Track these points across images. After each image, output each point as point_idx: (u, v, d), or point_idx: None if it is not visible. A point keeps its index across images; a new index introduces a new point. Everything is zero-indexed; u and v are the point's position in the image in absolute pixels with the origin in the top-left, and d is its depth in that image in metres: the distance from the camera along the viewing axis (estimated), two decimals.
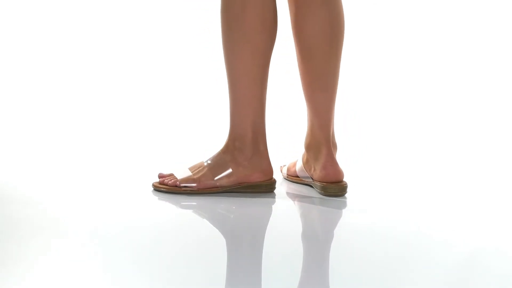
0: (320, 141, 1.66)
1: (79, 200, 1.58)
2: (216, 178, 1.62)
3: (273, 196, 1.65)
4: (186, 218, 1.50)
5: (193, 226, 1.43)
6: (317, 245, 1.31)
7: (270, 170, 1.65)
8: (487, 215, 1.48)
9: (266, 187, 1.64)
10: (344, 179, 1.65)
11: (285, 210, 1.57)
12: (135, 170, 1.92)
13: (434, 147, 2.21)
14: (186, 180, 1.63)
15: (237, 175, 1.62)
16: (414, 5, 2.93)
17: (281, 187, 1.74)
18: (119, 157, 2.10)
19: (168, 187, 1.63)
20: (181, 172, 1.65)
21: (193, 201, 1.58)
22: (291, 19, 1.65)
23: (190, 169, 1.65)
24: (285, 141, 2.15)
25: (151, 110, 2.71)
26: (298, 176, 1.76)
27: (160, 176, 1.66)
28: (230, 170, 1.62)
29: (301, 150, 1.76)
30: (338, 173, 1.63)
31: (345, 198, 1.61)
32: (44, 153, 2.14)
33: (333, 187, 1.63)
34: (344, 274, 1.12)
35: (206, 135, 2.30)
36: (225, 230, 1.41)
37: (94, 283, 1.08)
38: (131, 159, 2.08)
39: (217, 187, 1.62)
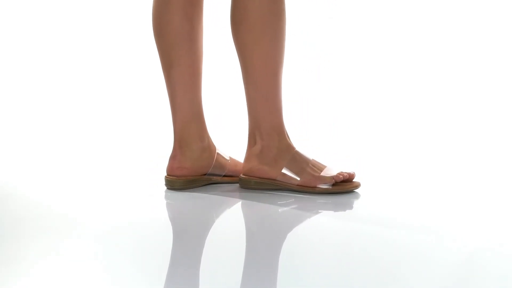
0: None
1: (79, 200, 1.58)
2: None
3: (266, 198, 1.64)
4: (186, 219, 1.50)
5: (188, 227, 1.43)
6: (316, 246, 1.31)
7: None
8: (487, 215, 1.48)
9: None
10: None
11: (275, 214, 1.56)
12: (134, 170, 1.92)
13: (433, 148, 2.21)
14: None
15: None
16: (413, 5, 2.93)
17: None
18: (119, 156, 2.11)
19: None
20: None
21: (190, 202, 1.58)
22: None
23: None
24: None
25: (150, 110, 2.71)
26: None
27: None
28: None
29: None
30: (249, 169, 1.60)
31: (343, 198, 1.59)
32: (44, 153, 2.14)
33: (245, 178, 1.61)
34: (343, 275, 1.13)
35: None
36: (219, 232, 1.41)
37: (95, 283, 1.08)
38: (131, 158, 2.08)
39: None
